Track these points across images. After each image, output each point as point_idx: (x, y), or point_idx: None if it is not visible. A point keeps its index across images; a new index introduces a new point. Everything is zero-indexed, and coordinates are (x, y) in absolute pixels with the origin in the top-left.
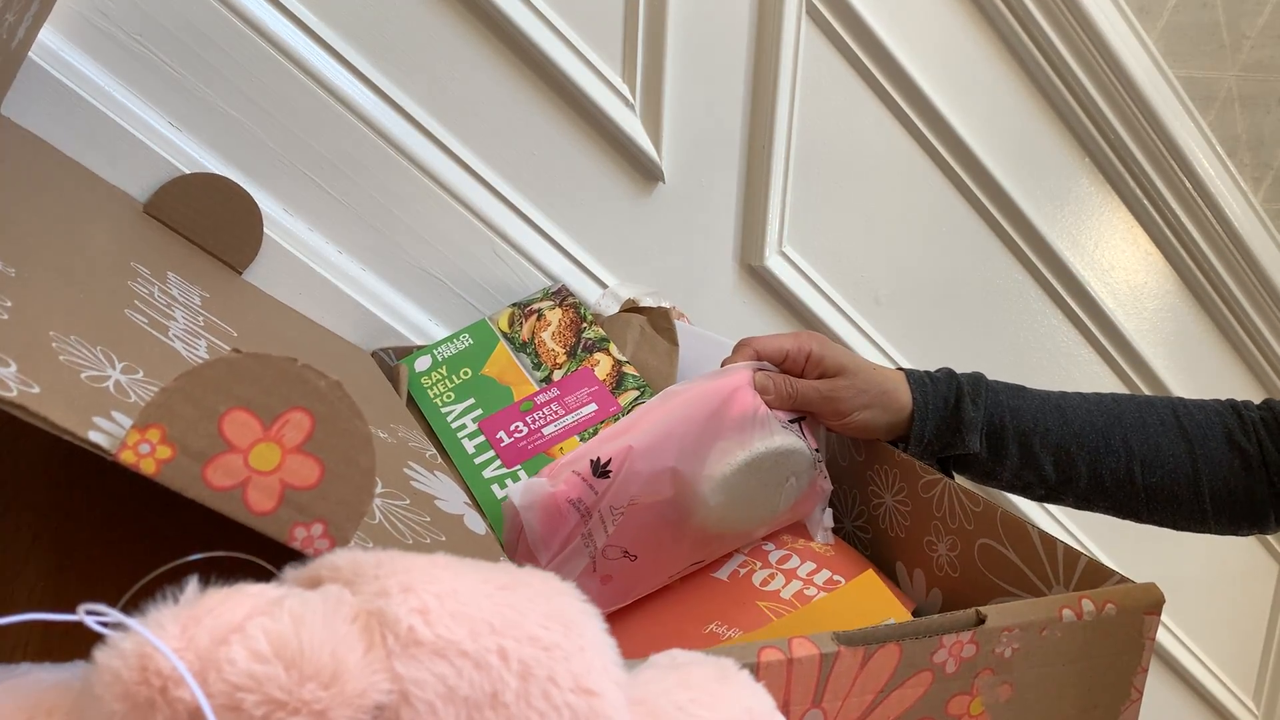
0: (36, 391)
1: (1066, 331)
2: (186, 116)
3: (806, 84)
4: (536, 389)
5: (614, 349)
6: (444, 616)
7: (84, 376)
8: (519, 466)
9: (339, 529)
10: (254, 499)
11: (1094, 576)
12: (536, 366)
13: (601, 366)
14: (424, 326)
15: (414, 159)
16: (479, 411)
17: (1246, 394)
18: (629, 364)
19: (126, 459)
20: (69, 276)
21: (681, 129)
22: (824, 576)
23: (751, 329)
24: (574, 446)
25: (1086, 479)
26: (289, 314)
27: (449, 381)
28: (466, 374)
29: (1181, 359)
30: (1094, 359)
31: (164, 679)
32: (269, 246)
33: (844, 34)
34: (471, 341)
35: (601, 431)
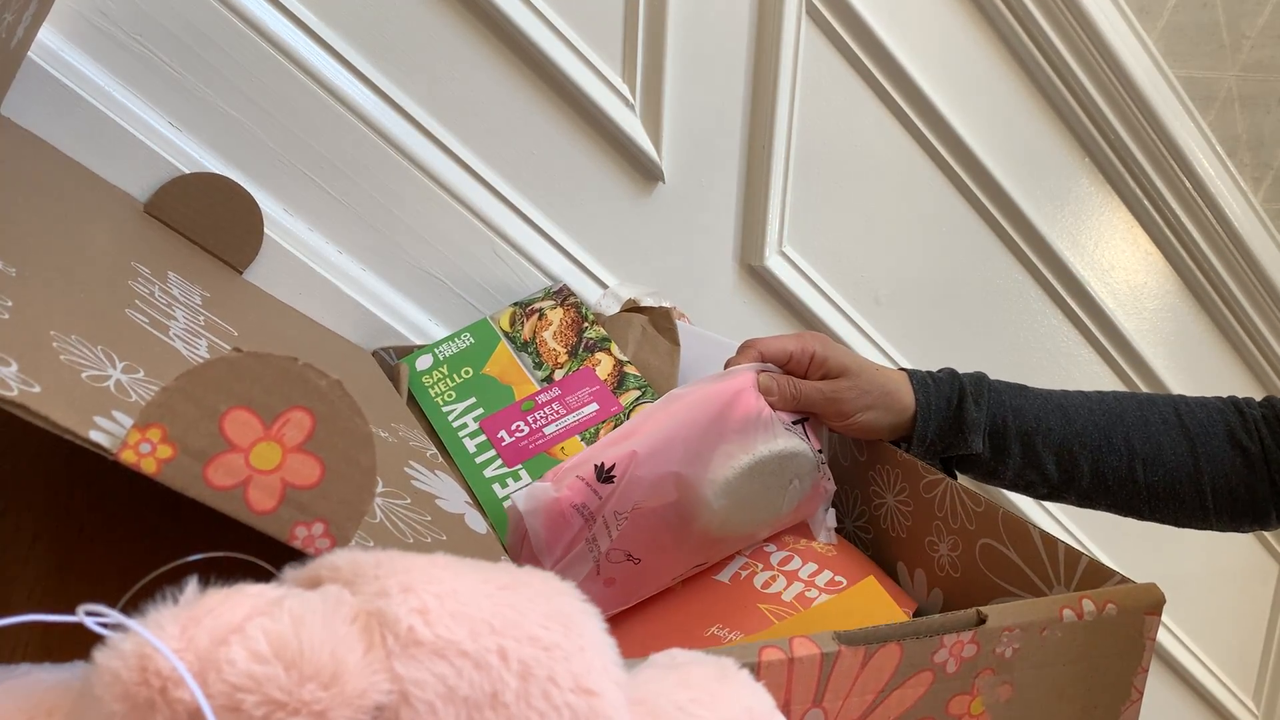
0: (37, 391)
1: (1066, 331)
2: (186, 116)
3: (806, 84)
4: (538, 388)
5: (615, 349)
6: (444, 616)
7: (85, 376)
8: (520, 466)
9: (340, 528)
10: (255, 498)
11: (1095, 576)
12: (538, 366)
13: (603, 366)
14: (424, 326)
15: (414, 159)
16: (480, 411)
17: (1246, 393)
18: (630, 364)
19: (127, 458)
20: (69, 276)
21: (681, 129)
22: (825, 578)
23: (752, 329)
24: (575, 446)
25: (1089, 478)
26: (289, 313)
27: (450, 380)
28: (468, 373)
29: (1181, 359)
30: (1094, 359)
31: (164, 679)
32: (269, 246)
33: (844, 34)
34: (473, 340)
35: (605, 436)
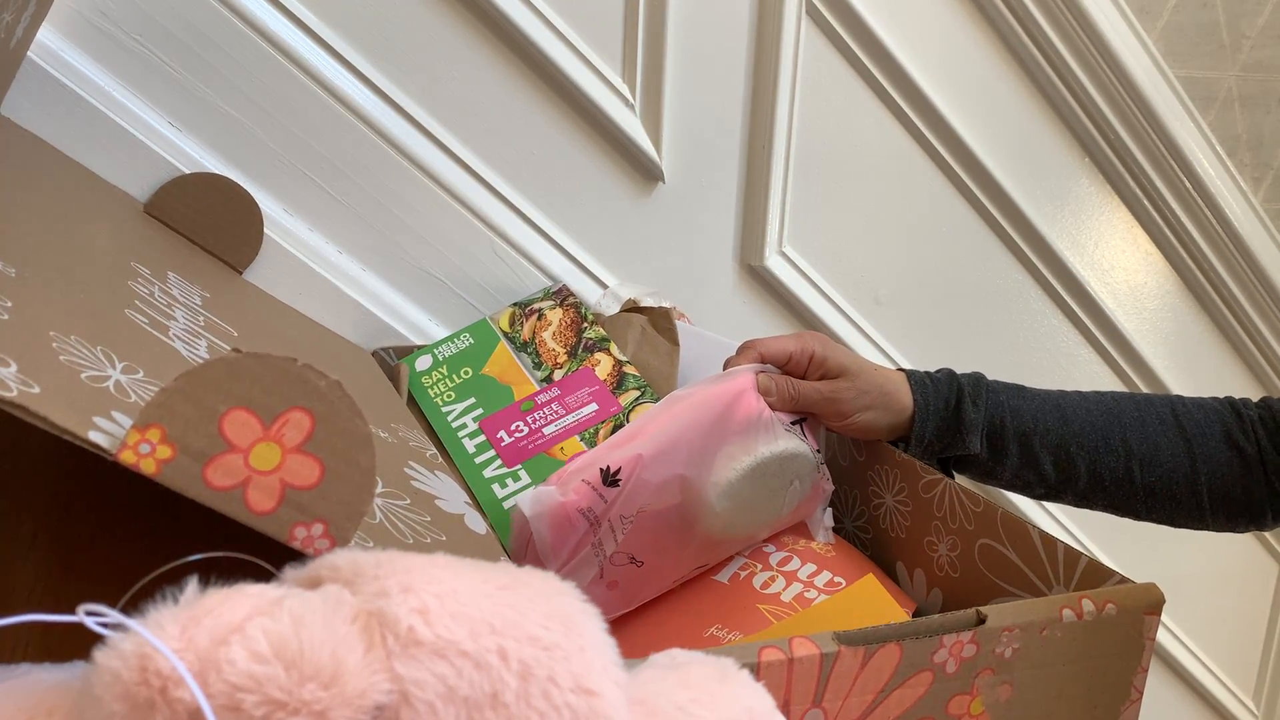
0: (37, 391)
1: (1066, 331)
2: (186, 116)
3: (806, 84)
4: (537, 388)
5: (615, 349)
6: (444, 616)
7: (84, 376)
8: (520, 466)
9: (339, 529)
10: (254, 499)
11: (1094, 576)
12: (537, 366)
13: (602, 366)
14: (424, 326)
15: (414, 159)
16: (479, 411)
17: (1246, 394)
18: (630, 364)
19: (127, 459)
20: (69, 276)
21: (681, 129)
22: (824, 578)
23: (751, 329)
24: (575, 446)
25: (1086, 478)
26: (289, 314)
27: (449, 381)
28: (467, 373)
29: (1181, 359)
30: (1094, 359)
31: (164, 679)
32: (269, 247)
33: (844, 34)
34: (472, 341)
35: (608, 439)
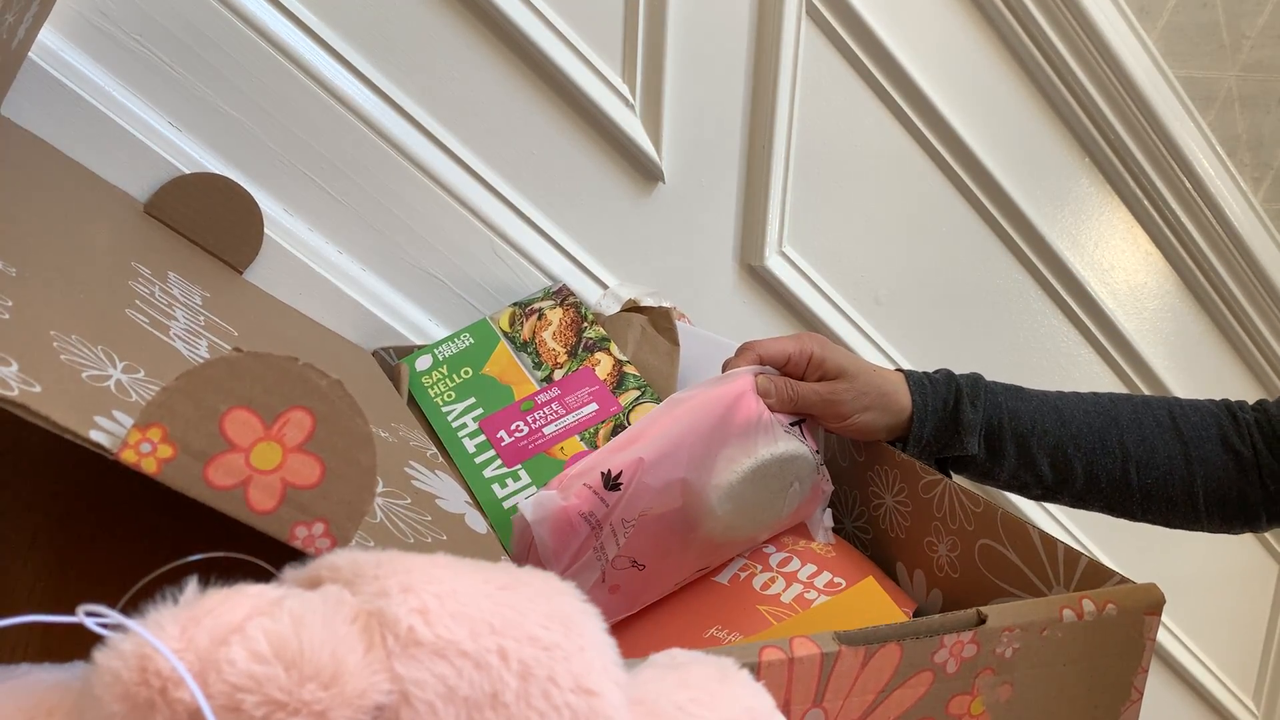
0: (38, 391)
1: (1066, 332)
2: (186, 116)
3: (806, 84)
4: (537, 388)
5: (615, 349)
6: (444, 617)
7: (85, 376)
8: (520, 466)
9: (340, 528)
10: (255, 498)
11: (1094, 577)
12: (537, 366)
13: (602, 366)
14: (424, 326)
15: (414, 159)
16: (480, 411)
17: (1246, 394)
18: (630, 364)
19: (128, 458)
20: (70, 276)
21: (681, 129)
22: (824, 579)
23: (751, 329)
24: (575, 446)
25: (1082, 480)
26: (290, 313)
27: (450, 381)
28: (467, 373)
29: (1181, 359)
30: (1094, 359)
31: (164, 680)
32: (269, 247)
33: (844, 34)
34: (472, 341)
35: (609, 442)
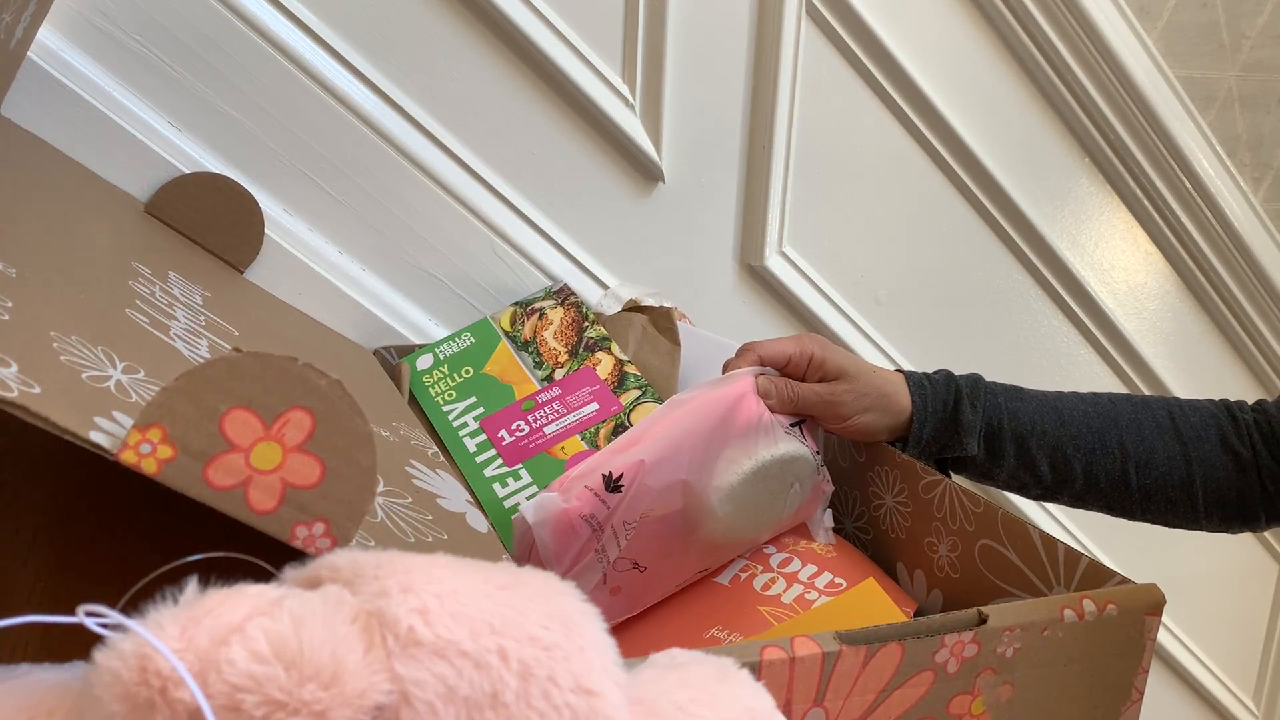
0: (37, 392)
1: (1066, 332)
2: (186, 116)
3: (806, 84)
4: (538, 388)
5: (616, 348)
6: (444, 617)
7: (85, 376)
8: (520, 465)
9: (340, 528)
10: (255, 498)
11: (1095, 577)
12: (538, 365)
13: (603, 366)
14: (424, 326)
15: (414, 159)
16: (480, 410)
17: (1246, 394)
18: (631, 363)
19: (128, 459)
20: (69, 277)
21: (681, 129)
22: (825, 579)
23: (751, 329)
24: (575, 445)
25: (1082, 480)
26: (290, 313)
27: (450, 380)
28: (468, 372)
29: (1181, 359)
30: (1094, 359)
31: (164, 680)
32: (269, 247)
33: (844, 34)
34: (473, 340)
35: (610, 444)
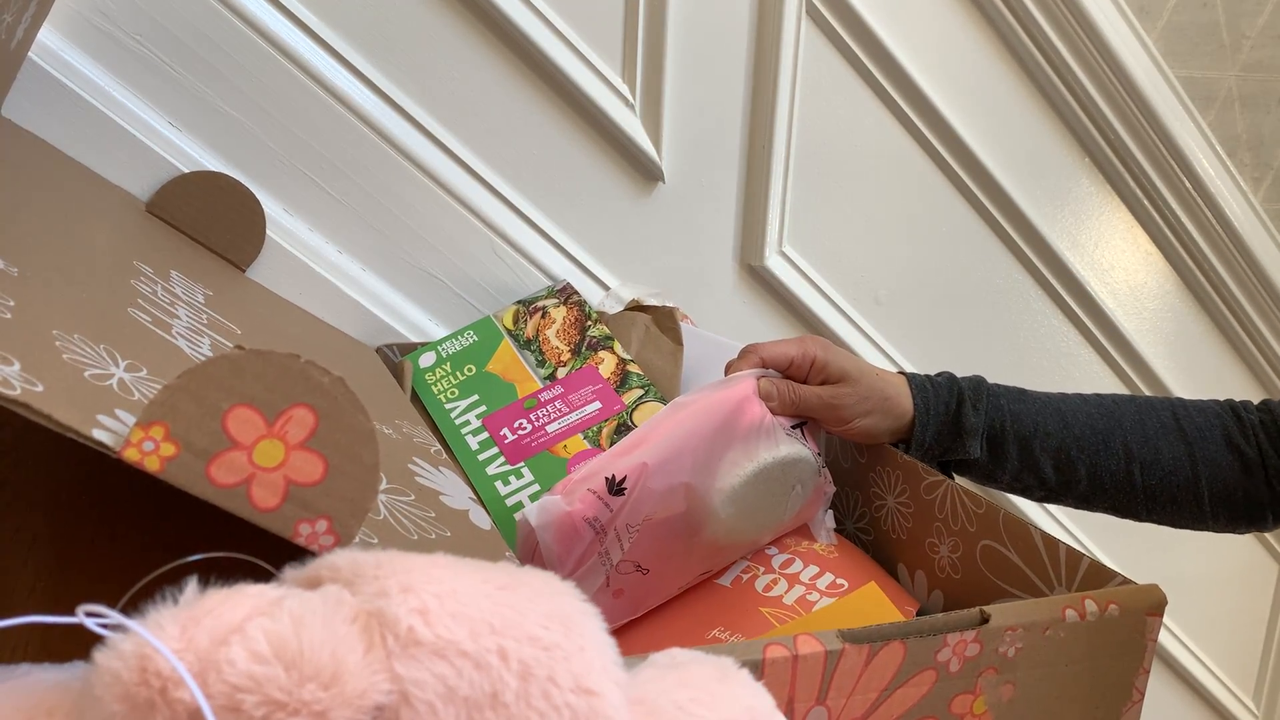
0: (40, 390)
1: (1066, 332)
2: (186, 116)
3: (806, 84)
4: (540, 386)
5: (618, 347)
6: (444, 617)
7: (87, 375)
8: (522, 463)
9: (343, 525)
10: (258, 495)
11: (1096, 578)
12: (540, 364)
13: (606, 365)
14: (424, 326)
15: (414, 159)
16: (483, 408)
17: (1246, 394)
18: (633, 363)
19: (131, 456)
20: (71, 276)
21: (681, 129)
22: (827, 580)
23: (751, 329)
24: (577, 444)
25: (1086, 481)
26: (293, 311)
27: (453, 378)
28: (470, 370)
29: (1181, 359)
30: (1094, 359)
31: (164, 680)
32: (269, 247)
33: (844, 34)
34: (476, 338)
35: (613, 447)
